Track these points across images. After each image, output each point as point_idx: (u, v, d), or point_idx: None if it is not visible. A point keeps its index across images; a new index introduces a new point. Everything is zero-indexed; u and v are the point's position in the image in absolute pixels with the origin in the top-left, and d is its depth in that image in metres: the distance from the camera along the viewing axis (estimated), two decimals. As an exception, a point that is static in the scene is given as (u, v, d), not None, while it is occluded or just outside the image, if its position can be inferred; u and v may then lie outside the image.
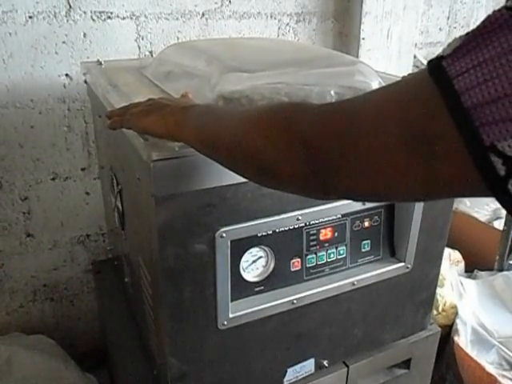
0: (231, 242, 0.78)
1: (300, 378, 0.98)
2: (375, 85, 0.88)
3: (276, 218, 0.81)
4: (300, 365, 0.97)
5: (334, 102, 0.46)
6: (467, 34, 0.36)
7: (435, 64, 0.36)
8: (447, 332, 1.48)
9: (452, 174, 0.36)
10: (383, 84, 0.89)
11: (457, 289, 1.58)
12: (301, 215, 0.83)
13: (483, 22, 0.35)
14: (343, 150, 0.42)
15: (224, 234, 0.76)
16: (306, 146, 0.45)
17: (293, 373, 0.96)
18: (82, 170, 1.47)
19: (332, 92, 0.84)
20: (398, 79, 0.42)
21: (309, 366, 0.98)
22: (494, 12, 0.34)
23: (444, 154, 0.36)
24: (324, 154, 0.44)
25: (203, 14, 1.49)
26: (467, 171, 0.35)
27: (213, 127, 0.58)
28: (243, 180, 0.71)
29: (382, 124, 0.40)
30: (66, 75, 1.36)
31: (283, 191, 0.55)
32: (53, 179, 1.44)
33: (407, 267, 1.00)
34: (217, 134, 0.57)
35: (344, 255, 0.94)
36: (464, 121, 0.34)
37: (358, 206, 0.90)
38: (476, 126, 0.33)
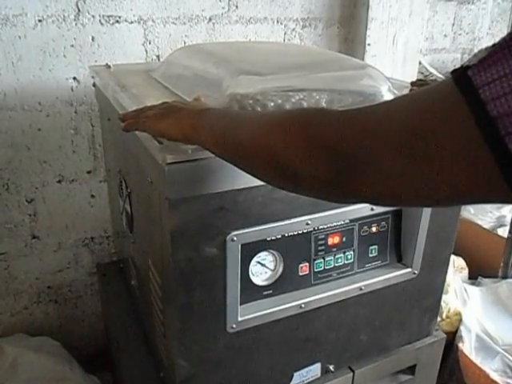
0: (241, 245, 0.78)
1: (306, 382, 0.98)
2: (384, 89, 0.89)
3: (286, 222, 0.81)
4: (306, 369, 0.97)
5: (356, 108, 0.46)
6: (493, 45, 0.36)
7: (461, 73, 0.37)
8: (451, 339, 1.48)
9: (478, 181, 0.37)
10: (392, 88, 0.89)
11: (461, 296, 1.58)
12: (310, 220, 0.84)
13: (510, 34, 0.35)
14: (364, 157, 0.43)
15: (235, 238, 0.77)
16: (326, 150, 0.45)
17: (299, 377, 0.97)
18: (88, 172, 1.48)
19: (341, 99, 0.85)
20: (426, 87, 0.42)
21: (315, 370, 0.98)
22: None
23: (469, 161, 0.36)
24: (345, 159, 0.44)
25: (210, 19, 1.50)
26: (493, 178, 0.35)
27: (230, 130, 0.59)
28: (255, 184, 0.72)
29: (405, 132, 0.40)
30: (74, 78, 1.37)
31: (302, 194, 0.55)
32: (59, 182, 1.44)
33: (414, 273, 1.00)
34: (235, 137, 0.57)
35: (351, 260, 0.94)
36: (490, 130, 0.34)
37: (365, 211, 0.90)
38: (502, 135, 0.34)
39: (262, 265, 0.86)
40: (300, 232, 0.86)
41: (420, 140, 0.39)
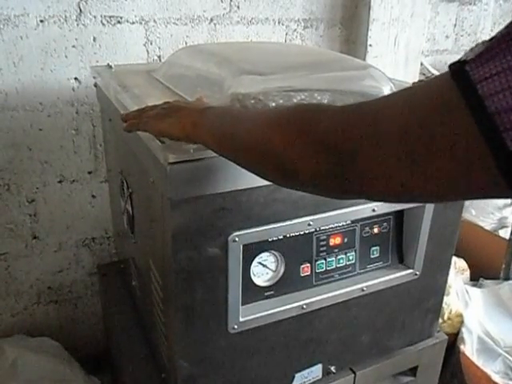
0: (243, 246, 0.78)
1: (307, 383, 0.97)
2: (386, 90, 0.88)
3: (288, 223, 0.81)
4: (308, 370, 0.96)
5: (355, 104, 0.46)
6: (491, 39, 0.36)
7: (458, 68, 0.37)
8: (453, 341, 1.47)
9: (475, 177, 0.36)
10: (394, 89, 0.89)
11: (462, 297, 1.57)
12: (312, 221, 0.83)
13: (506, 28, 0.35)
14: (363, 152, 0.43)
15: (237, 239, 0.76)
16: (325, 145, 0.45)
17: (300, 378, 0.96)
18: (89, 173, 1.47)
19: (343, 99, 0.84)
20: (419, 83, 0.42)
21: (316, 371, 0.98)
22: None
23: (467, 156, 0.36)
24: (343, 155, 0.44)
25: (211, 20, 1.49)
26: (490, 174, 0.35)
27: (231, 128, 0.58)
28: (257, 184, 0.72)
29: (403, 127, 0.40)
30: (75, 79, 1.37)
31: (302, 191, 0.55)
32: (60, 182, 1.44)
33: (415, 274, 1.00)
34: (235, 135, 0.57)
35: (353, 261, 0.94)
36: (487, 126, 0.34)
37: (367, 212, 0.90)
38: (500, 130, 0.33)
39: (264, 265, 0.85)
40: (302, 233, 0.86)
41: (417, 135, 0.38)
